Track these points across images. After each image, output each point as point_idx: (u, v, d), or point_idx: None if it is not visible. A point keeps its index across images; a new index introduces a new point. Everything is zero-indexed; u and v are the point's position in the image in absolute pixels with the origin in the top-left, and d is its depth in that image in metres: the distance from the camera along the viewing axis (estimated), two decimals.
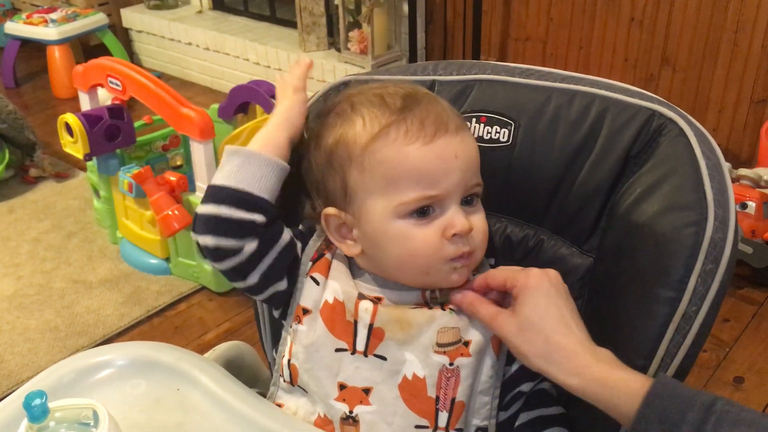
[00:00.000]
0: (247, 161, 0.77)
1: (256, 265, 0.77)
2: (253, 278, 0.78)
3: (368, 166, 0.74)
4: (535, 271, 0.73)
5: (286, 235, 0.80)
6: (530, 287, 0.72)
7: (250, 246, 0.76)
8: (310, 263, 0.80)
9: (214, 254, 0.77)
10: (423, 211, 0.74)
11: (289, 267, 0.79)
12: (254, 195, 0.76)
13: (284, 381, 0.81)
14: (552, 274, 0.73)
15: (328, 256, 0.81)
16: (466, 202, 0.76)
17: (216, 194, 0.76)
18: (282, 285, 0.79)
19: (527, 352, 0.70)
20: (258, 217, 0.76)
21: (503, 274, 0.75)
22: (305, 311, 0.78)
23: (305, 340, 0.78)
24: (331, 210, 0.78)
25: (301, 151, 0.83)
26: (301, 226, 0.85)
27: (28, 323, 1.96)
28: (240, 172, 0.77)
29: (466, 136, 0.76)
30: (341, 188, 0.77)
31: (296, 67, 0.87)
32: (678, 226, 0.72)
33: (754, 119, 2.31)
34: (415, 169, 0.72)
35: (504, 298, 0.76)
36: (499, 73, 0.88)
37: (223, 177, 0.77)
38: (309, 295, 0.79)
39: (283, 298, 0.80)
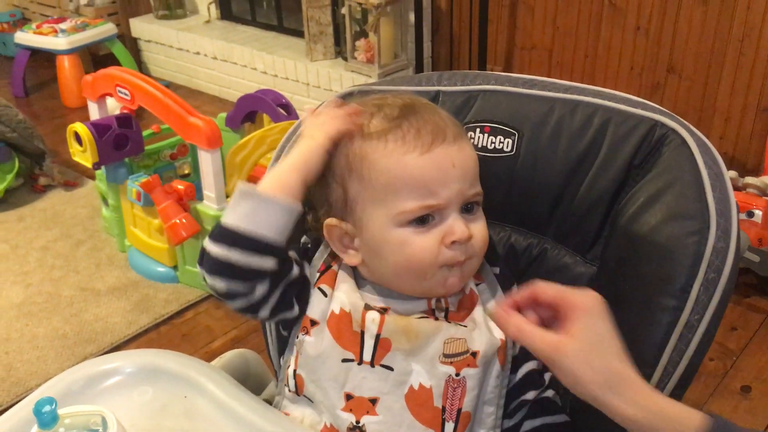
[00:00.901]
0: (263, 206, 0.74)
1: (266, 303, 0.77)
2: (264, 313, 0.78)
3: (367, 175, 0.75)
4: (590, 292, 0.69)
5: (295, 270, 0.79)
6: (589, 309, 0.67)
7: (261, 289, 0.76)
8: (318, 274, 0.81)
9: (223, 295, 0.76)
10: (422, 219, 0.74)
11: (298, 295, 0.79)
12: (268, 240, 0.74)
13: (289, 391, 0.82)
14: (600, 297, 0.69)
15: (334, 267, 0.82)
16: (467, 209, 0.77)
17: (228, 236, 0.73)
18: (293, 313, 0.80)
19: (589, 379, 0.65)
20: (270, 262, 0.75)
21: (554, 291, 0.69)
22: (313, 323, 0.79)
23: (312, 351, 0.78)
24: (332, 220, 0.79)
25: None
26: (305, 238, 0.86)
27: (37, 331, 1.97)
28: (255, 216, 0.73)
29: (464, 144, 0.77)
30: (342, 198, 0.78)
31: (339, 110, 0.79)
32: (680, 236, 0.72)
33: (760, 127, 2.31)
34: (412, 179, 0.73)
35: (535, 312, 0.71)
36: (502, 83, 0.89)
37: (237, 218, 0.74)
38: (317, 306, 0.79)
39: (294, 322, 0.81)
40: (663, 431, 0.63)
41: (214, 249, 0.73)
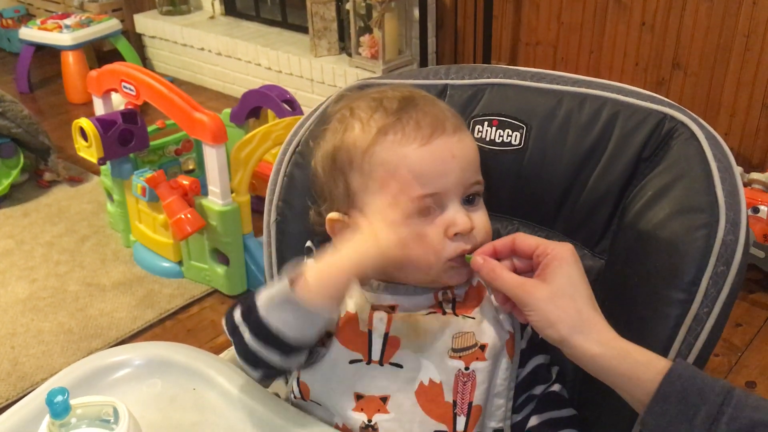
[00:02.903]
0: (310, 317, 0.70)
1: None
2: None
3: (368, 168, 0.75)
4: (565, 244, 0.72)
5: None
6: (563, 258, 0.70)
7: (295, 372, 0.78)
8: None
9: (256, 377, 0.77)
10: (424, 212, 0.75)
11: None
12: (310, 343, 0.73)
13: (295, 397, 0.81)
14: (573, 247, 0.73)
15: None
16: (468, 201, 0.77)
17: (270, 337, 0.70)
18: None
19: (557, 319, 0.68)
20: (305, 355, 0.76)
21: (532, 241, 0.73)
22: (328, 334, 0.78)
23: (322, 361, 0.78)
24: (335, 215, 0.79)
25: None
26: (309, 243, 0.85)
27: (43, 326, 1.98)
28: (301, 325, 0.70)
29: (464, 136, 0.78)
30: (344, 192, 0.78)
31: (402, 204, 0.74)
32: (689, 229, 0.72)
33: (766, 123, 2.31)
34: (412, 170, 0.74)
35: (513, 265, 0.75)
36: (510, 77, 0.88)
37: (281, 323, 0.70)
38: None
39: None
40: (625, 370, 0.66)
41: (251, 341, 0.72)
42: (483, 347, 0.76)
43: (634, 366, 0.66)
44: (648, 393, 0.64)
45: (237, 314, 0.73)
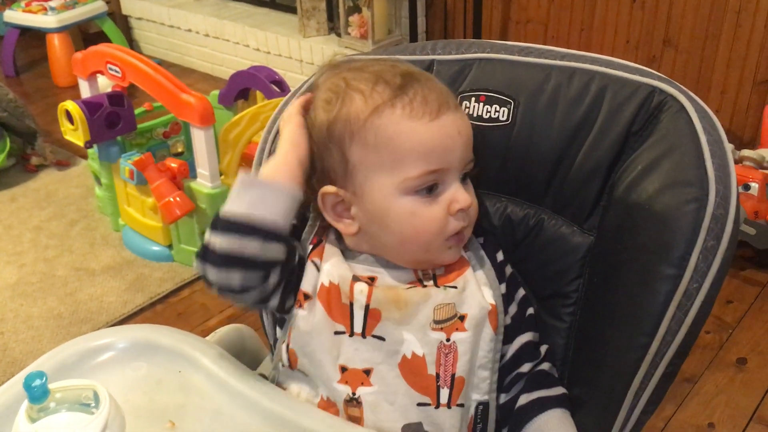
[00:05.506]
0: (269, 191, 0.73)
1: (277, 291, 0.76)
2: (273, 302, 0.77)
3: (373, 141, 0.74)
4: None
5: (298, 254, 0.78)
6: None
7: (274, 277, 0.75)
8: (310, 247, 0.80)
9: (237, 290, 0.73)
10: (429, 189, 0.75)
11: (295, 283, 0.78)
12: (278, 226, 0.73)
13: (282, 366, 0.81)
14: None
15: (324, 241, 0.81)
16: (461, 179, 0.77)
17: (240, 225, 0.71)
18: (291, 300, 0.79)
19: None
20: (282, 248, 0.74)
21: None
22: (306, 296, 0.78)
23: (305, 326, 0.77)
24: (329, 188, 0.77)
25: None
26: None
27: (32, 311, 1.96)
28: (264, 202, 0.72)
29: (463, 114, 0.78)
30: (341, 165, 0.76)
31: (295, 101, 0.83)
32: (679, 203, 0.71)
33: (756, 100, 2.30)
34: (421, 145, 0.73)
35: None
36: (498, 51, 0.87)
37: (246, 206, 0.72)
38: (309, 280, 0.78)
39: (288, 311, 0.80)
40: None
41: (224, 241, 0.71)
42: (462, 318, 0.75)
43: None
44: None
45: (206, 234, 0.73)
